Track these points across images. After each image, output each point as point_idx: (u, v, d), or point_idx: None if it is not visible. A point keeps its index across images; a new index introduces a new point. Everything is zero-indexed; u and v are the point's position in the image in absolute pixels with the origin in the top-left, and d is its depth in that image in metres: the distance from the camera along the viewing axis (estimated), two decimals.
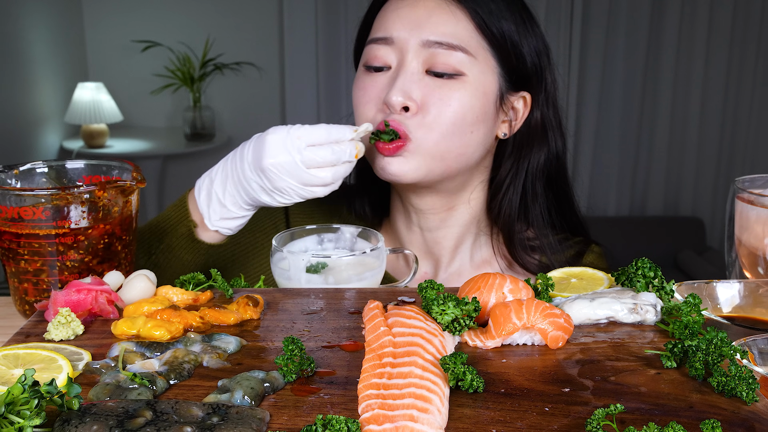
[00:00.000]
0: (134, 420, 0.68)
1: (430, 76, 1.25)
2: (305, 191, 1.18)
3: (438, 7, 1.26)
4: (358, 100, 1.31)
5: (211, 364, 0.84)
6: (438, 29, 1.24)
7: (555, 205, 1.44)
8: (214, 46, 4.91)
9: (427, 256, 1.44)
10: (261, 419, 0.70)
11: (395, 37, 1.26)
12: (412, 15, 1.26)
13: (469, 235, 1.43)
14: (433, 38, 1.24)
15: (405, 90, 1.23)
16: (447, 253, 1.43)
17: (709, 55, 4.95)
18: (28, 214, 1.05)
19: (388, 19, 1.28)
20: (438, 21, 1.25)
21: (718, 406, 0.75)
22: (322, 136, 1.16)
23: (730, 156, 5.16)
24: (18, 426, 0.64)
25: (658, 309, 0.95)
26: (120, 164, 1.20)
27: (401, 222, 1.44)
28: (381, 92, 1.27)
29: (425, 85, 1.25)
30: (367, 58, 1.31)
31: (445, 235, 1.41)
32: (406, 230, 1.44)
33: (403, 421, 0.69)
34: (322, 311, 0.99)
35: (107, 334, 0.92)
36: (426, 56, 1.25)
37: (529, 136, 1.37)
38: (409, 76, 1.24)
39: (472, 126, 1.27)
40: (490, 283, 0.94)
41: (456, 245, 1.42)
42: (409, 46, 1.25)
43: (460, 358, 0.77)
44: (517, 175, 1.38)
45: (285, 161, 1.15)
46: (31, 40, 4.29)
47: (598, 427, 0.68)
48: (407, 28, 1.26)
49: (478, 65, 1.26)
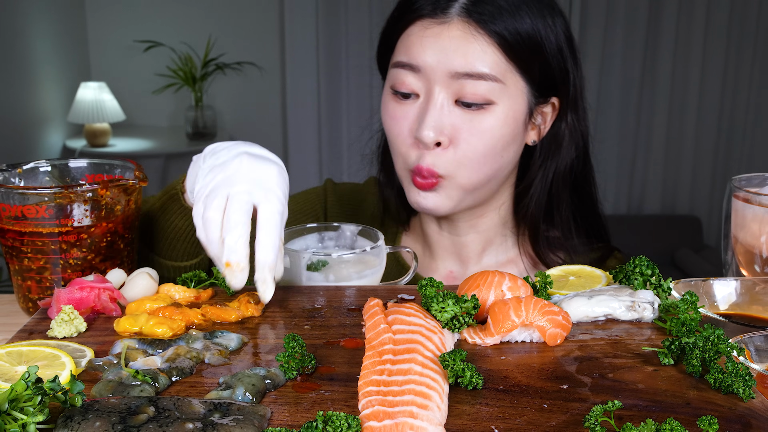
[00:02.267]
0: (136, 416, 0.68)
1: (459, 106, 1.23)
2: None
3: (463, 37, 1.22)
4: (390, 130, 1.30)
5: (212, 361, 0.84)
6: (465, 60, 1.21)
7: (580, 208, 1.44)
8: (215, 46, 4.91)
9: (455, 256, 1.45)
10: (262, 416, 0.71)
11: (422, 67, 1.23)
12: (437, 45, 1.22)
13: (496, 237, 1.44)
14: (460, 70, 1.21)
15: (436, 125, 1.22)
16: (474, 255, 1.44)
17: (706, 54, 4.95)
18: (31, 213, 1.06)
19: (413, 45, 1.25)
20: (465, 51, 1.21)
21: (715, 403, 0.76)
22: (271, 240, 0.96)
23: (727, 155, 5.17)
24: (21, 422, 0.65)
25: (656, 306, 0.95)
26: (122, 163, 1.21)
27: (430, 224, 1.45)
28: (412, 124, 1.26)
29: (455, 117, 1.23)
30: (393, 82, 1.28)
31: (474, 239, 1.42)
32: (434, 232, 1.45)
33: (403, 417, 0.69)
34: (322, 309, 0.99)
35: (110, 332, 0.92)
36: (455, 87, 1.22)
37: (557, 140, 1.36)
38: (439, 109, 1.23)
39: (502, 151, 1.27)
40: (489, 281, 0.95)
41: (483, 248, 1.44)
42: (437, 77, 1.23)
43: (460, 355, 0.77)
44: (545, 178, 1.37)
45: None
46: (35, 41, 4.30)
47: (596, 423, 0.68)
48: (434, 59, 1.22)
49: (507, 90, 1.24)
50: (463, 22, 1.22)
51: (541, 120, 1.33)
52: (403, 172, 1.31)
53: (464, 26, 1.22)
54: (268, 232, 0.94)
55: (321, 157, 5.15)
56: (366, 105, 5.04)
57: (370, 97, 5.02)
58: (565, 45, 1.30)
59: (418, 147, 1.26)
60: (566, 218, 1.40)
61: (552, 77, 1.29)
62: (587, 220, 1.46)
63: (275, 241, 0.95)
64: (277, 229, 0.96)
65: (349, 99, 5.06)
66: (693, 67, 4.97)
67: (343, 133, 5.12)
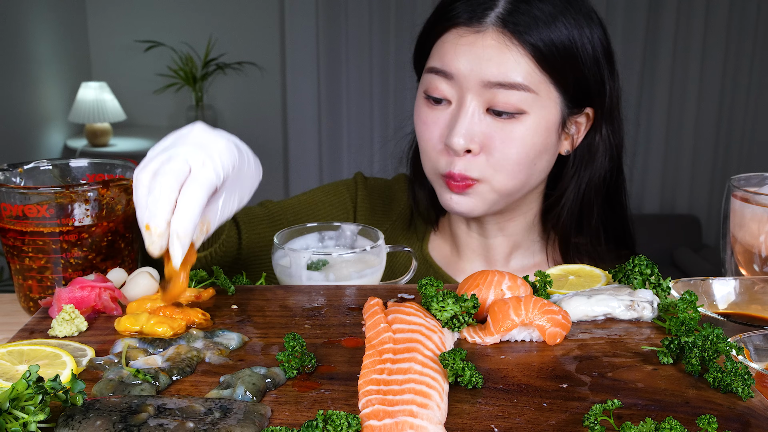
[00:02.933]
0: (137, 415, 0.69)
1: (491, 115, 1.23)
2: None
3: (497, 47, 1.22)
4: (421, 134, 1.30)
5: (213, 360, 0.85)
6: (498, 70, 1.21)
7: (610, 216, 1.44)
8: (216, 46, 4.91)
9: (482, 258, 1.46)
10: (262, 414, 0.71)
11: (455, 75, 1.24)
12: (471, 54, 1.23)
13: (524, 241, 1.44)
14: (493, 79, 1.21)
15: (466, 133, 1.22)
16: (502, 258, 1.45)
17: (706, 54, 4.96)
18: (32, 212, 1.06)
19: (447, 53, 1.25)
20: (498, 61, 1.21)
21: (714, 402, 0.76)
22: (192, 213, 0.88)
23: (726, 154, 5.17)
24: (22, 421, 0.65)
25: (655, 306, 0.96)
26: (123, 163, 1.21)
27: (459, 225, 1.45)
28: (443, 130, 1.26)
29: (486, 125, 1.23)
30: (427, 87, 1.28)
31: (502, 241, 1.43)
32: (462, 233, 1.45)
33: (403, 416, 0.69)
34: (323, 308, 1.00)
35: (111, 331, 0.93)
36: (487, 96, 1.23)
37: (591, 151, 1.36)
38: (470, 118, 1.23)
39: (535, 159, 1.27)
40: (488, 280, 0.95)
41: (511, 251, 1.44)
42: (470, 85, 1.23)
43: (459, 354, 0.77)
44: (578, 188, 1.37)
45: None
46: (36, 41, 4.30)
47: (596, 422, 0.69)
48: (467, 67, 1.23)
49: (540, 100, 1.24)
50: (498, 32, 1.22)
51: (575, 130, 1.33)
52: (433, 175, 1.32)
53: (499, 36, 1.22)
54: (189, 198, 0.86)
55: (321, 157, 5.15)
56: (366, 105, 5.04)
57: (370, 97, 5.02)
58: (602, 56, 1.29)
59: (448, 153, 1.26)
60: (596, 227, 1.41)
61: (587, 88, 1.29)
62: (615, 227, 1.46)
63: (194, 210, 0.86)
64: (201, 197, 0.87)
65: (349, 99, 5.06)
66: (692, 67, 4.98)
67: (343, 133, 5.12)
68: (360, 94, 5.03)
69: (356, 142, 5.14)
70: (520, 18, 1.22)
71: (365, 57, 4.95)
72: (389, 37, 4.91)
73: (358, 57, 4.96)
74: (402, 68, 4.93)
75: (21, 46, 4.15)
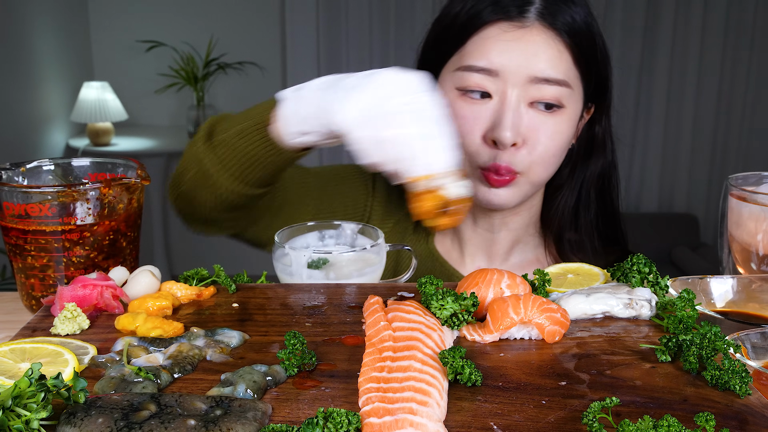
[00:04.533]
0: (139, 413, 0.69)
1: (534, 108, 1.26)
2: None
3: (543, 42, 1.24)
4: (460, 129, 1.30)
5: (214, 358, 0.85)
6: (547, 65, 1.24)
7: (603, 211, 1.47)
8: (217, 46, 4.92)
9: (484, 253, 1.47)
10: (263, 412, 0.71)
11: (500, 70, 1.24)
12: (520, 49, 1.24)
13: (525, 235, 1.46)
14: (540, 74, 1.24)
15: (513, 126, 1.24)
16: (503, 252, 1.46)
17: (703, 53, 4.97)
18: (34, 211, 1.07)
19: (491, 49, 1.25)
20: (545, 57, 1.24)
21: (712, 400, 0.76)
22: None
23: (724, 153, 5.18)
24: (25, 419, 0.65)
25: (653, 304, 0.96)
26: (125, 162, 1.22)
27: (466, 223, 1.46)
28: (484, 123, 1.27)
29: (530, 119, 1.25)
30: (464, 84, 1.28)
31: (505, 236, 1.44)
32: (467, 228, 1.46)
33: (403, 413, 0.70)
34: (323, 306, 1.00)
35: (112, 329, 0.93)
36: (530, 90, 1.24)
37: (593, 144, 1.40)
38: (515, 111, 1.24)
39: (563, 152, 1.32)
40: (488, 279, 0.95)
41: (512, 245, 1.46)
42: (516, 80, 1.24)
43: (459, 352, 0.78)
44: (575, 181, 1.41)
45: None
46: (38, 41, 4.31)
47: (594, 420, 0.69)
48: (514, 62, 1.24)
49: (574, 95, 1.28)
50: (541, 27, 1.24)
51: (580, 124, 1.37)
52: (469, 170, 1.32)
53: (543, 31, 1.24)
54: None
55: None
56: None
57: None
58: (603, 47, 1.34)
59: (490, 147, 1.27)
60: (590, 221, 1.44)
61: (600, 83, 1.34)
62: (608, 223, 1.48)
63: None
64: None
65: None
66: (690, 67, 4.98)
67: None
68: None
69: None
70: (558, 14, 1.25)
71: (365, 57, 4.96)
72: (389, 37, 4.91)
73: (358, 57, 4.96)
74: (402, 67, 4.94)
75: (23, 46, 4.16)
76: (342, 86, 1.11)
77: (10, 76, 4.02)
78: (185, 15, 4.99)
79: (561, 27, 1.25)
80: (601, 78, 1.34)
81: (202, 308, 1.00)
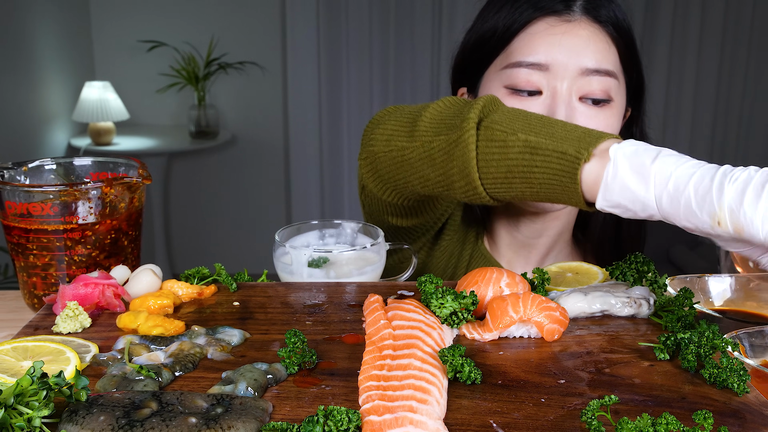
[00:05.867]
0: (140, 411, 0.69)
1: (584, 102, 1.25)
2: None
3: (594, 35, 1.25)
4: None
5: (215, 356, 0.85)
6: (596, 56, 1.24)
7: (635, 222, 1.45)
8: (218, 46, 4.92)
9: (521, 260, 1.46)
10: (264, 410, 0.71)
11: (551, 64, 1.24)
12: (569, 42, 1.24)
13: (560, 241, 1.46)
14: (591, 66, 1.24)
15: (567, 121, 1.22)
16: (538, 259, 1.45)
17: (702, 53, 4.97)
18: (36, 210, 1.07)
19: (540, 45, 1.25)
20: (595, 48, 1.24)
21: (710, 397, 0.76)
22: None
23: (722, 152, 5.19)
24: (27, 417, 0.66)
25: (652, 302, 0.96)
26: (126, 161, 1.22)
27: (503, 225, 1.45)
28: None
29: (581, 113, 1.25)
30: (514, 82, 1.27)
31: (543, 242, 1.44)
32: (505, 233, 1.45)
33: (403, 411, 0.70)
34: (323, 305, 1.00)
35: (114, 327, 0.93)
36: (580, 83, 1.24)
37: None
38: (568, 105, 1.24)
39: None
40: (487, 278, 0.95)
41: (547, 252, 1.46)
42: (567, 74, 1.24)
43: (459, 350, 0.78)
44: None
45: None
46: (40, 41, 4.31)
47: (593, 417, 0.69)
48: (565, 57, 1.24)
49: (621, 89, 1.29)
50: (588, 21, 1.25)
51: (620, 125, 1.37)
52: None
53: (590, 24, 1.25)
54: None
55: (322, 156, 5.16)
56: (366, 104, 5.04)
57: (370, 96, 5.03)
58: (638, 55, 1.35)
59: None
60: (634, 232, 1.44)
61: (638, 81, 1.34)
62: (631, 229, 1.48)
63: None
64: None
65: (350, 98, 5.06)
66: (688, 67, 4.99)
67: (344, 133, 5.12)
68: (360, 93, 5.04)
69: (357, 141, 5.14)
70: (601, 9, 1.26)
71: (365, 56, 4.96)
72: (389, 37, 4.91)
73: (358, 56, 4.97)
74: (402, 67, 4.94)
75: (25, 46, 4.16)
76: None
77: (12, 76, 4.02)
78: (186, 15, 4.99)
79: (606, 20, 1.26)
80: (639, 76, 1.34)
81: (203, 307, 1.00)
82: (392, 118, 1.16)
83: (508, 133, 0.97)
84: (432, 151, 1.06)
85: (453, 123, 1.04)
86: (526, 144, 0.95)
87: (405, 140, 1.11)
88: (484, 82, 1.33)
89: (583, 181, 0.91)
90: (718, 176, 0.85)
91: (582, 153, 0.90)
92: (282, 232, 1.19)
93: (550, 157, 0.93)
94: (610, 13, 1.27)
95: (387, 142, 1.14)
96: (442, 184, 1.07)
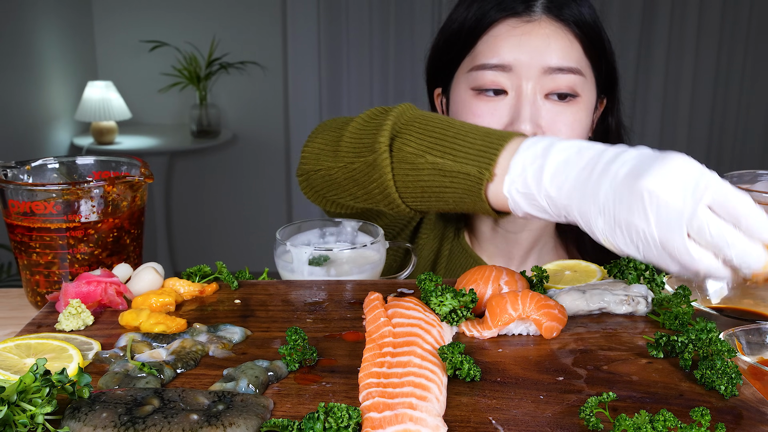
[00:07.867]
0: (142, 408, 0.69)
1: (549, 99, 1.27)
2: (655, 252, 0.77)
3: (555, 33, 1.26)
4: None
5: (216, 353, 0.86)
6: (558, 55, 1.25)
7: None
8: (219, 46, 4.92)
9: (503, 255, 1.47)
10: (265, 407, 0.72)
11: (515, 65, 1.26)
12: (531, 42, 1.25)
13: (543, 237, 1.46)
14: (554, 64, 1.25)
15: (532, 119, 1.25)
16: (522, 254, 1.46)
17: (699, 53, 4.97)
18: (39, 209, 1.07)
19: (503, 46, 1.27)
20: (556, 47, 1.25)
21: (708, 394, 0.77)
22: (738, 208, 0.74)
23: (719, 152, 5.19)
24: (30, 413, 0.66)
25: (649, 300, 0.96)
26: (129, 160, 1.22)
27: (483, 220, 1.46)
28: (502, 119, 1.27)
29: (547, 110, 1.26)
30: (480, 83, 1.28)
31: (526, 237, 1.44)
32: (489, 230, 1.46)
33: (403, 408, 0.70)
34: (324, 302, 1.01)
35: (116, 325, 0.94)
36: (544, 82, 1.25)
37: (606, 137, 1.40)
38: (532, 104, 1.25)
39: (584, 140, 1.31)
40: (486, 275, 0.96)
41: (531, 247, 1.46)
42: (530, 73, 1.25)
43: (458, 347, 0.78)
44: None
45: (670, 201, 0.75)
46: (43, 41, 4.32)
47: (591, 414, 0.69)
48: (527, 57, 1.25)
49: (587, 84, 1.29)
50: (549, 19, 1.27)
51: (595, 116, 1.38)
52: None
53: (551, 23, 1.26)
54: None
55: None
56: (366, 103, 5.04)
57: (371, 96, 5.03)
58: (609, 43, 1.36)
59: None
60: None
61: (609, 73, 1.35)
62: None
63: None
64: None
65: (350, 98, 5.07)
66: (686, 67, 4.99)
67: None
68: (361, 92, 5.04)
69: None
70: (563, 7, 1.27)
71: (366, 56, 4.96)
72: (389, 37, 4.92)
73: (358, 56, 4.97)
74: (402, 67, 4.94)
75: (28, 46, 4.17)
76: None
77: (15, 76, 4.03)
78: (188, 15, 5.00)
79: (568, 18, 1.27)
80: (610, 68, 1.35)
81: (204, 304, 1.01)
82: (320, 135, 1.17)
83: (416, 155, 0.99)
84: (354, 173, 1.08)
85: (369, 143, 1.05)
86: (434, 166, 0.97)
87: (330, 160, 1.12)
88: (453, 84, 1.35)
89: (490, 199, 0.93)
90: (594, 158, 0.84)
91: (483, 173, 0.91)
92: (283, 231, 1.20)
93: (457, 178, 0.95)
94: (574, 11, 1.27)
95: (316, 161, 1.16)
96: (370, 200, 1.09)
